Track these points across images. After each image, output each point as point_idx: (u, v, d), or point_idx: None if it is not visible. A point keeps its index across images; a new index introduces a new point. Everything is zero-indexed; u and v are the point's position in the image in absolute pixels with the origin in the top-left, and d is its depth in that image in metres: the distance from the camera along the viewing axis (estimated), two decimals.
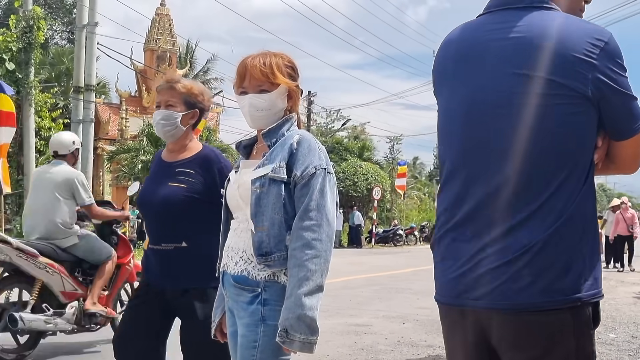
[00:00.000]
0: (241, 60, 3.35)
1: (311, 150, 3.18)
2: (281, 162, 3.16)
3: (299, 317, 3.01)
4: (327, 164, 3.20)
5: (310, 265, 3.04)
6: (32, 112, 21.24)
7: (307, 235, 3.06)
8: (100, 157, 36.35)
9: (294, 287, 3.03)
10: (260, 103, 3.27)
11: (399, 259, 28.67)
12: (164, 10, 41.35)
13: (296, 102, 3.42)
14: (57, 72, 42.62)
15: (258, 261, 3.16)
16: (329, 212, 3.13)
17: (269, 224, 3.15)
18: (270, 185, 3.15)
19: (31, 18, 21.08)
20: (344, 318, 11.26)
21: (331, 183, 3.20)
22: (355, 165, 44.13)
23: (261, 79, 3.26)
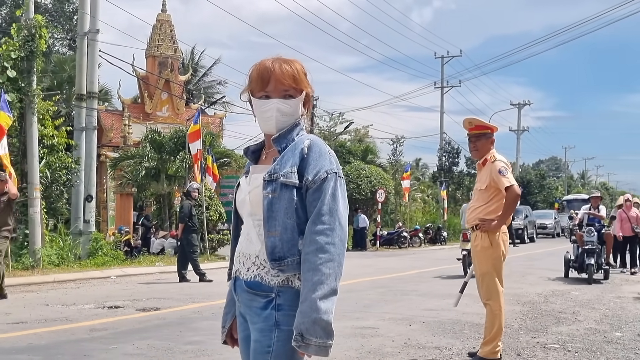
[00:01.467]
0: (260, 63, 3.33)
1: (322, 154, 3.20)
2: (292, 166, 3.17)
3: (315, 321, 3.00)
4: (337, 168, 3.22)
5: (324, 269, 3.05)
6: (35, 121, 21.24)
7: (321, 239, 3.07)
8: (103, 164, 36.35)
9: (309, 291, 3.04)
10: (286, 109, 3.28)
11: (404, 261, 28.66)
12: (165, 17, 41.32)
13: (310, 107, 3.45)
14: (59, 79, 42.63)
15: (272, 266, 3.18)
16: (342, 216, 3.14)
17: (282, 229, 3.16)
18: (282, 190, 3.16)
19: (33, 26, 21.10)
20: (351, 321, 11.25)
21: (342, 187, 3.22)
22: (358, 168, 44.04)
23: (290, 85, 3.27)
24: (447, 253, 33.99)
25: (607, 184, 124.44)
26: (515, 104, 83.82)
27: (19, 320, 11.60)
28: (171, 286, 17.91)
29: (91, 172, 24.74)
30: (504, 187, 8.06)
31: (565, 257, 19.35)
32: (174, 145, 30.99)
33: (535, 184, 74.86)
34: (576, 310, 12.95)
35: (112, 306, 13.45)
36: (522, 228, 46.67)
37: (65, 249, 22.83)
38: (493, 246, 8.11)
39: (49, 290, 16.86)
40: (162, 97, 40.58)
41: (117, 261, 23.90)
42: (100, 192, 35.28)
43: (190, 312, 12.68)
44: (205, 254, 25.51)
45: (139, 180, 31.37)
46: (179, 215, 20.66)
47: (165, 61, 40.36)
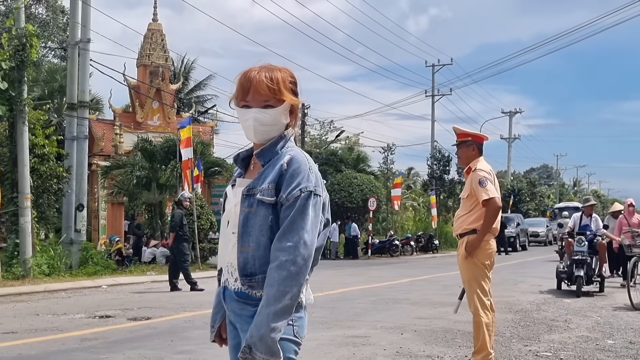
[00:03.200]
0: (244, 72, 3.31)
1: (300, 171, 3.16)
2: (270, 183, 3.16)
3: (262, 337, 2.99)
4: (315, 185, 3.17)
5: (281, 287, 3.02)
6: (26, 130, 21.20)
7: (282, 257, 3.05)
8: (94, 173, 36.28)
9: (263, 306, 3.03)
10: (265, 118, 3.25)
11: (396, 269, 28.65)
12: (156, 26, 41.32)
13: (297, 117, 3.41)
14: (50, 89, 42.58)
15: (242, 282, 3.20)
16: (307, 235, 3.10)
17: (255, 245, 3.17)
18: (259, 206, 3.17)
19: (23, 36, 21.06)
20: (342, 330, 11.24)
21: (316, 205, 3.17)
22: (350, 176, 44.08)
23: (268, 94, 3.23)
24: (439, 261, 34.05)
25: (599, 192, 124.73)
26: (506, 112, 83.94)
27: (9, 330, 11.56)
28: (162, 295, 17.87)
29: (82, 181, 24.70)
30: (482, 199, 8.04)
31: (557, 269, 18.29)
32: (165, 154, 30.98)
33: (527, 192, 74.89)
34: (568, 318, 12.95)
35: (103, 315, 13.43)
36: (514, 236, 46.73)
37: (56, 258, 22.76)
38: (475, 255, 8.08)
39: (40, 300, 16.82)
40: (153, 106, 40.53)
41: (109, 270, 23.86)
42: (92, 201, 35.20)
43: (181, 321, 12.65)
44: (197, 263, 25.48)
45: (130, 189, 31.32)
46: (170, 225, 20.63)
47: (157, 70, 40.34)
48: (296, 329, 3.19)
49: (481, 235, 8.02)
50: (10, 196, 21.58)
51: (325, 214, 3.29)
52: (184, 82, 52.35)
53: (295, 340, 3.19)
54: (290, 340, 3.16)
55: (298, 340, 3.21)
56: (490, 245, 8.12)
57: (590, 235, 17.50)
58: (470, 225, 8.13)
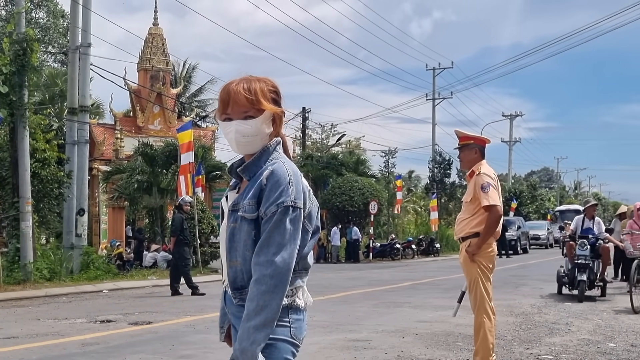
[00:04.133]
0: (224, 86, 3.35)
1: (278, 186, 3.17)
2: (251, 199, 3.20)
3: (243, 350, 3.04)
4: (294, 199, 3.17)
5: (259, 301, 3.06)
6: (27, 135, 21.19)
7: (259, 271, 3.09)
8: (95, 177, 36.33)
9: (244, 320, 3.08)
10: (246, 129, 3.26)
11: (397, 273, 28.65)
12: (157, 30, 41.42)
13: (280, 126, 3.41)
14: (51, 93, 42.65)
15: (233, 295, 3.26)
16: (284, 250, 3.12)
17: (242, 260, 3.21)
18: (242, 222, 3.21)
19: (24, 40, 21.07)
20: (344, 333, 11.24)
21: (294, 219, 3.17)
22: (351, 180, 44.12)
23: (246, 105, 3.26)
24: (440, 264, 34.02)
25: (600, 195, 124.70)
26: (507, 115, 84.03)
27: (10, 335, 11.56)
28: (164, 300, 17.88)
29: (83, 185, 24.69)
30: (483, 205, 8.04)
31: (557, 273, 17.92)
32: (166, 159, 30.99)
33: (528, 195, 74.93)
34: (569, 321, 12.94)
35: (104, 320, 13.43)
36: (515, 239, 46.69)
37: (57, 263, 22.74)
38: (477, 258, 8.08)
39: (41, 305, 16.82)
40: (154, 110, 40.63)
41: (110, 275, 23.84)
42: (92, 205, 35.22)
43: (182, 326, 12.64)
44: (198, 267, 25.48)
45: (131, 194, 31.31)
46: (170, 229, 20.63)
47: (157, 74, 40.42)
48: (293, 331, 3.22)
49: (482, 240, 8.01)
50: (11, 201, 21.59)
51: (313, 222, 3.32)
52: (185, 86, 52.42)
53: (293, 341, 3.22)
54: (287, 341, 3.20)
55: (295, 341, 3.24)
56: (493, 248, 8.12)
57: (593, 238, 17.05)
58: (473, 229, 8.13)
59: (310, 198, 3.30)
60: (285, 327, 3.18)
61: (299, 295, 3.25)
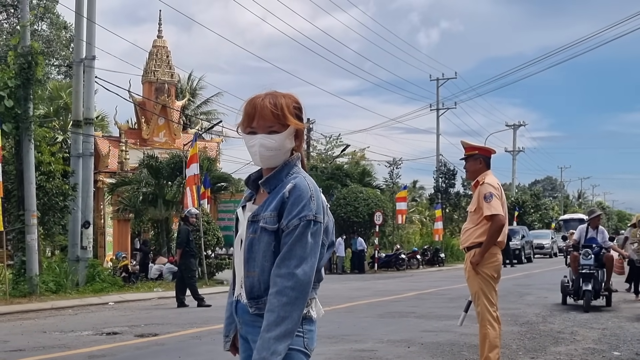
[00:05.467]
0: (249, 100, 3.39)
1: (301, 200, 3.23)
2: (273, 211, 3.25)
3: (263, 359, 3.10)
4: (315, 213, 3.24)
5: (280, 312, 3.12)
6: (32, 147, 21.25)
7: (281, 283, 3.15)
8: (100, 190, 36.42)
9: (264, 331, 3.13)
10: (270, 143, 3.32)
11: (402, 283, 28.64)
12: (162, 42, 41.59)
13: (302, 141, 3.49)
14: (55, 106, 42.77)
15: (249, 304, 3.31)
16: (305, 262, 3.19)
17: (260, 270, 3.27)
18: (262, 233, 3.26)
19: (29, 54, 21.15)
20: (349, 344, 11.26)
21: (315, 233, 3.24)
22: (355, 190, 44.12)
23: (272, 120, 3.31)
24: (445, 274, 34.02)
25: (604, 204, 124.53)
26: (511, 125, 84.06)
27: (17, 348, 11.60)
28: (170, 311, 17.90)
29: (88, 198, 24.74)
30: (484, 215, 8.08)
31: (562, 283, 17.71)
32: (171, 171, 31.05)
33: (531, 204, 74.88)
34: (574, 330, 12.94)
35: (111, 332, 13.44)
36: (519, 248, 46.67)
37: (62, 275, 22.77)
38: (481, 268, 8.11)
39: (47, 317, 16.86)
40: (159, 122, 40.75)
41: (115, 287, 23.87)
42: (98, 218, 35.30)
43: (188, 337, 12.67)
44: (204, 278, 25.50)
45: (137, 206, 31.34)
46: (176, 241, 20.66)
47: (162, 87, 40.56)
48: (306, 341, 3.28)
49: (484, 249, 8.04)
50: (16, 214, 21.62)
51: (329, 237, 3.38)
52: (190, 98, 52.50)
53: (305, 352, 3.29)
54: (301, 351, 3.26)
55: (307, 352, 3.30)
56: (497, 258, 8.14)
57: (597, 248, 16.81)
58: (478, 239, 8.16)
59: (327, 213, 3.36)
60: (299, 337, 3.24)
61: (312, 306, 3.32)
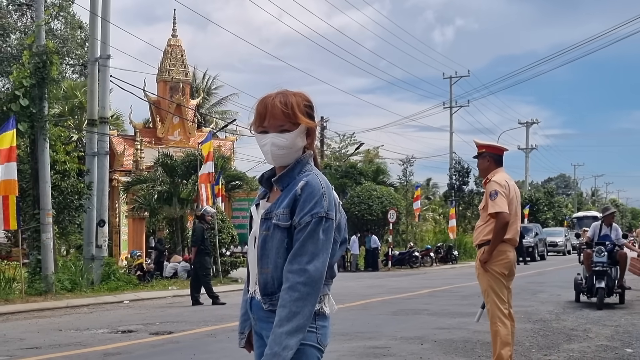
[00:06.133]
0: (261, 99, 3.44)
1: (313, 196, 3.29)
2: (285, 208, 3.31)
3: (275, 354, 3.15)
4: (327, 210, 3.29)
5: (292, 307, 3.17)
6: (47, 147, 21.35)
7: (292, 278, 3.20)
8: (115, 188, 36.51)
9: (276, 326, 3.18)
10: (282, 142, 3.37)
11: (416, 280, 28.65)
12: (176, 41, 41.69)
13: (314, 139, 3.54)
14: (70, 105, 42.89)
15: (263, 301, 3.36)
16: (317, 258, 3.24)
17: (273, 267, 3.32)
18: (275, 230, 3.32)
19: (44, 53, 21.25)
20: (363, 341, 11.31)
21: (327, 229, 3.29)
22: (369, 188, 44.13)
23: (283, 118, 3.36)
24: (459, 272, 33.97)
25: (617, 201, 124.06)
26: (523, 122, 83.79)
27: (33, 346, 11.68)
28: (184, 310, 17.97)
29: (103, 197, 24.82)
30: (489, 212, 8.14)
31: (575, 281, 17.59)
32: (186, 169, 31.11)
33: (544, 202, 74.65)
34: (587, 327, 12.95)
35: (126, 330, 13.51)
36: (532, 246, 46.50)
37: (77, 274, 22.85)
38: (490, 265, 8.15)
39: (62, 316, 16.95)
40: (173, 121, 40.85)
41: (130, 286, 23.94)
42: (113, 216, 35.41)
43: (203, 335, 12.73)
44: (218, 276, 25.57)
45: (152, 205, 31.42)
46: (191, 239, 20.71)
47: (177, 86, 40.66)
48: (319, 337, 3.33)
49: (491, 247, 8.09)
50: (32, 213, 21.72)
51: (341, 234, 3.43)
52: (205, 97, 52.59)
53: (319, 347, 3.34)
54: (314, 346, 3.31)
55: (321, 347, 3.35)
56: (507, 255, 8.16)
57: (610, 245, 16.67)
58: (487, 237, 8.21)
59: (340, 210, 3.41)
60: (312, 333, 3.28)
61: (325, 302, 3.37)
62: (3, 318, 16.51)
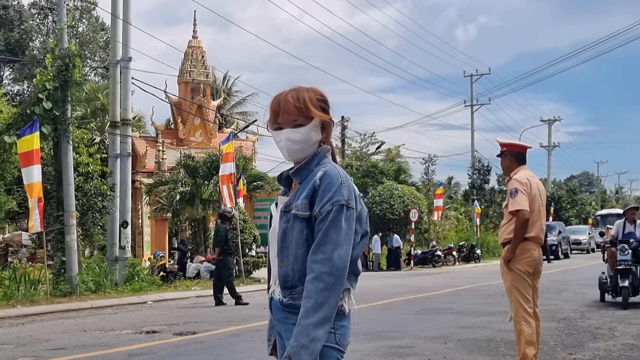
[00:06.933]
0: (274, 97, 3.46)
1: (332, 185, 3.28)
2: (305, 199, 3.29)
3: (302, 347, 3.11)
4: (348, 199, 3.28)
5: (318, 298, 3.14)
6: (70, 149, 21.48)
7: (317, 269, 3.17)
8: (138, 190, 36.65)
9: (302, 317, 3.15)
10: (296, 137, 3.38)
11: (439, 279, 28.61)
12: (197, 43, 41.84)
13: (330, 133, 3.52)
14: (92, 107, 43.10)
15: (283, 294, 3.33)
16: (341, 247, 3.21)
17: (293, 259, 3.29)
18: (295, 221, 3.30)
19: (66, 56, 21.38)
20: (386, 340, 11.31)
21: (349, 218, 3.27)
22: (391, 188, 44.09)
23: (296, 114, 3.37)
24: (481, 270, 33.88)
25: None
26: (545, 120, 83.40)
27: (59, 347, 11.76)
28: (208, 310, 18.03)
29: (126, 198, 24.92)
30: (509, 210, 8.13)
31: (599, 280, 17.21)
32: (208, 170, 31.17)
33: (567, 200, 74.32)
34: (613, 325, 12.88)
35: (150, 331, 13.57)
36: (556, 244, 46.25)
37: (101, 275, 22.99)
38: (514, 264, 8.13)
39: (87, 317, 17.05)
40: (195, 122, 40.98)
41: (154, 286, 24.03)
42: (135, 218, 35.55)
43: (227, 335, 12.77)
44: (241, 277, 25.62)
45: (174, 205, 31.52)
46: (214, 239, 20.76)
47: (198, 87, 40.81)
48: (338, 337, 3.29)
49: (513, 245, 8.08)
50: (56, 215, 21.85)
51: (362, 226, 3.40)
52: (226, 98, 52.70)
53: (338, 348, 3.29)
54: (333, 347, 3.27)
55: (340, 348, 3.31)
56: (532, 253, 8.12)
57: (635, 242, 16.26)
58: (509, 235, 8.20)
59: (360, 202, 3.39)
60: (330, 334, 3.22)
61: (345, 299, 3.32)
62: (29, 319, 16.64)
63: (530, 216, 8.08)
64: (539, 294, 8.38)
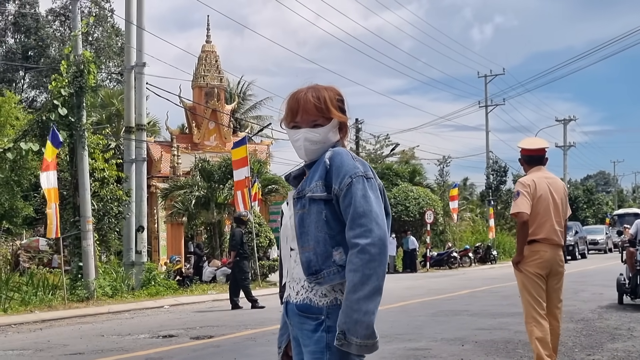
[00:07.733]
0: (292, 94, 3.42)
1: (344, 161, 3.25)
2: (318, 181, 3.26)
3: (356, 322, 3.10)
4: (364, 171, 3.25)
5: (365, 270, 3.10)
6: (86, 155, 21.57)
7: (360, 242, 3.11)
8: (154, 195, 36.73)
9: (350, 292, 3.11)
10: (315, 137, 3.35)
11: (455, 281, 28.54)
12: (210, 47, 41.95)
13: (345, 134, 3.50)
14: (107, 113, 43.29)
15: (309, 280, 3.27)
16: (377, 215, 3.17)
17: (314, 243, 3.25)
18: (311, 204, 3.26)
19: (81, 62, 21.48)
20: (403, 343, 11.29)
21: (373, 187, 3.25)
22: (406, 190, 44.01)
23: (316, 114, 3.35)
24: (498, 272, 33.79)
25: None
26: (561, 120, 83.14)
27: (76, 352, 11.81)
28: (224, 314, 18.05)
29: (142, 203, 24.97)
30: (510, 213, 8.15)
31: (617, 281, 16.69)
32: (223, 174, 31.22)
33: (584, 200, 74.08)
34: (632, 326, 12.82)
35: (167, 335, 13.61)
36: (573, 244, 46.07)
37: (118, 280, 23.06)
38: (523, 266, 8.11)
39: (104, 321, 17.09)
40: (209, 126, 41.05)
41: (170, 291, 24.08)
42: (151, 222, 35.63)
43: (243, 339, 12.78)
44: (257, 280, 25.63)
45: (190, 210, 31.59)
46: (230, 243, 20.79)
47: (212, 91, 40.90)
48: None
49: (518, 247, 8.10)
50: (72, 220, 21.93)
51: (383, 199, 3.36)
52: (240, 102, 52.76)
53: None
54: None
55: None
56: (540, 255, 8.02)
57: None
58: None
59: (374, 174, 3.35)
60: None
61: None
62: (46, 324, 16.70)
63: (536, 217, 8.02)
64: (560, 296, 8.32)
